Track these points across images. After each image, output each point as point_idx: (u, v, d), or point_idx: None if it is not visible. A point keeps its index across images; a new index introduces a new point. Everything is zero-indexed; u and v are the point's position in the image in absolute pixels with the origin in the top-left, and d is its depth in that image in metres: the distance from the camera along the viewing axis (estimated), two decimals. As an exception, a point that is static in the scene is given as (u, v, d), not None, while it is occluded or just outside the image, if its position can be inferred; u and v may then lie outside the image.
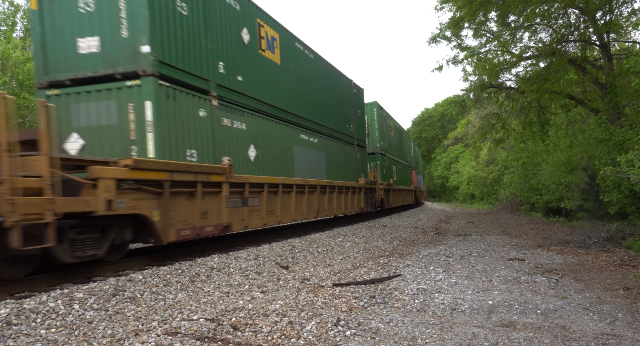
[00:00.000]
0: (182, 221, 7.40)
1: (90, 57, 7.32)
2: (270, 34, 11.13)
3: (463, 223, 18.62)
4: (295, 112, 12.33)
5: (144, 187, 6.66)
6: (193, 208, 7.68)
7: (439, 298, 5.55)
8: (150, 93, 7.03)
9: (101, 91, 7.28)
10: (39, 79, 7.57)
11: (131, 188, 6.45)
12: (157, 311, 4.87)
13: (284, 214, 11.14)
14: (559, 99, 19.81)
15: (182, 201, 7.46)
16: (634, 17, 15.73)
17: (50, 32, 7.48)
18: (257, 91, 10.31)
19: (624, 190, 10.65)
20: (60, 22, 7.43)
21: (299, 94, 12.65)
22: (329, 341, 3.97)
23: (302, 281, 6.60)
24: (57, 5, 7.44)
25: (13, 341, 3.80)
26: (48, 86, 7.52)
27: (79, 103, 7.36)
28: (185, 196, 7.55)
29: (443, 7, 19.13)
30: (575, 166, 15.78)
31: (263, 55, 10.68)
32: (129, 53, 7.11)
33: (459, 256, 8.97)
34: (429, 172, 67.14)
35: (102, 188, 5.89)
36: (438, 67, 22.04)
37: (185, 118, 7.79)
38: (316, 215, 13.10)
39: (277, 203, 10.75)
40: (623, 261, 7.82)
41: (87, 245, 5.95)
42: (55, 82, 7.49)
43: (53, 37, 7.47)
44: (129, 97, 7.14)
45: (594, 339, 4.00)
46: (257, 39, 10.47)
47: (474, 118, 38.65)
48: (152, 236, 6.97)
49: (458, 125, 56.55)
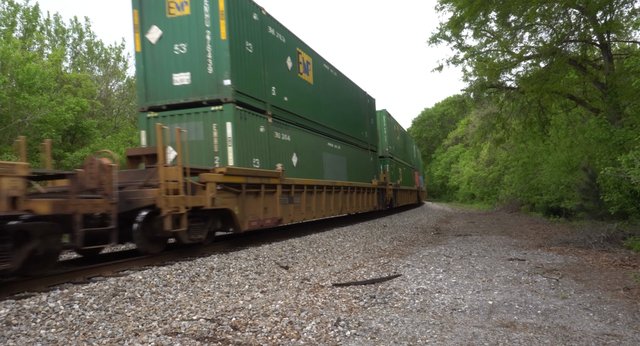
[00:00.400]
0: (252, 214, 9.47)
1: (182, 88, 9.38)
2: (306, 59, 13.25)
3: (463, 223, 18.61)
4: (324, 123, 14.30)
5: (230, 188, 8.68)
6: (258, 205, 9.76)
7: (439, 298, 5.54)
8: (230, 116, 9.06)
9: (191, 114, 9.32)
10: (141, 104, 9.66)
11: (221, 189, 8.39)
12: (157, 312, 4.87)
13: (317, 210, 13.06)
14: (559, 99, 19.79)
15: (251, 199, 9.52)
16: (634, 16, 15.70)
17: (150, 68, 9.58)
18: (298, 108, 12.32)
19: (625, 190, 10.64)
20: (159, 61, 9.51)
21: (326, 108, 14.65)
22: (329, 342, 3.96)
23: (302, 282, 6.59)
24: (156, 48, 9.52)
25: (13, 341, 3.79)
26: (148, 110, 9.62)
27: (173, 123, 9.19)
28: (253, 195, 9.60)
29: (443, 7, 19.11)
30: (575, 166, 15.77)
31: (301, 77, 12.77)
32: (214, 85, 9.16)
33: (459, 256, 8.96)
34: (429, 172, 67.12)
35: (209, 189, 7.96)
36: (438, 67, 22.02)
37: (251, 134, 9.77)
38: (340, 211, 15.08)
39: (313, 201, 12.76)
40: (623, 262, 7.81)
41: (197, 231, 7.94)
42: (154, 107, 9.60)
43: (153, 72, 9.57)
44: (213, 118, 9.15)
45: (594, 339, 3.99)
46: (297, 65, 12.56)
47: (474, 118, 38.64)
48: (233, 226, 8.92)
49: (458, 125, 56.52)
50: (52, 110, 16.48)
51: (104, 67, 24.97)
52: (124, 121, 25.09)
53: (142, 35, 9.60)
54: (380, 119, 23.09)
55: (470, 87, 22.73)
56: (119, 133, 22.69)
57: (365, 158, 18.87)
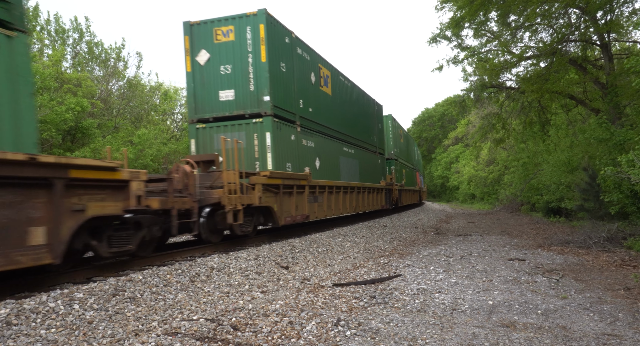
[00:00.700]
0: (286, 211, 11.04)
1: (227, 103, 10.94)
2: (326, 73, 14.90)
3: (463, 223, 18.61)
4: (340, 129, 15.87)
5: (270, 188, 10.17)
6: (291, 203, 11.32)
7: (439, 298, 5.54)
8: (269, 127, 10.60)
9: (234, 125, 10.84)
10: (191, 116, 11.20)
11: (264, 189, 9.91)
12: (157, 312, 4.87)
13: (336, 208, 14.62)
14: (560, 99, 19.77)
15: (286, 198, 11.07)
16: (634, 16, 15.69)
17: (199, 86, 11.12)
18: (320, 117, 13.97)
19: (625, 190, 10.63)
20: (207, 79, 11.05)
21: (342, 116, 16.28)
22: (329, 342, 3.96)
23: (302, 282, 6.59)
24: (205, 69, 11.08)
25: (13, 341, 3.79)
26: (197, 121, 11.14)
27: (219, 133, 10.83)
28: (287, 195, 11.13)
29: (443, 7, 19.10)
30: (575, 166, 15.75)
31: (322, 90, 14.39)
32: (255, 101, 10.72)
33: (459, 256, 8.96)
34: (429, 172, 67.11)
35: (257, 189, 9.52)
36: (438, 67, 22.00)
37: (285, 142, 11.32)
38: (354, 209, 16.61)
39: (332, 200, 14.37)
40: (624, 262, 7.81)
41: (247, 225, 9.48)
42: (202, 119, 11.12)
43: (201, 89, 11.11)
44: (254, 129, 10.69)
45: (595, 339, 3.99)
46: (319, 79, 14.20)
47: (474, 118, 38.63)
48: (272, 221, 10.45)
49: (458, 125, 56.48)
50: (52, 110, 16.50)
51: (104, 67, 25.00)
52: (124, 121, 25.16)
53: (192, 57, 11.11)
54: (386, 124, 24.63)
55: (470, 87, 22.72)
56: (119, 133, 22.73)
57: (374, 161, 20.43)
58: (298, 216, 11.59)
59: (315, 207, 12.76)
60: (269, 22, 10.79)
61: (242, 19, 10.82)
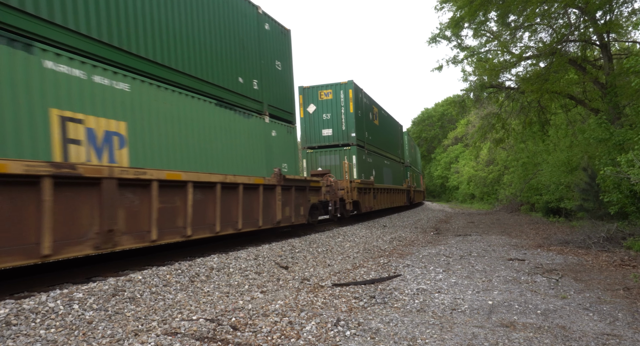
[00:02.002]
0: (363, 204, 17.50)
1: (327, 137, 17.43)
2: (375, 110, 21.41)
3: (463, 223, 18.61)
4: (383, 148, 22.41)
5: (358, 188, 16.74)
6: (365, 199, 17.91)
7: (438, 298, 5.54)
8: (355, 152, 17.17)
9: (331, 150, 17.33)
10: (304, 144, 17.47)
11: (355, 189, 16.40)
12: (156, 312, 4.87)
13: (383, 203, 21.26)
14: (559, 99, 19.78)
15: (364, 195, 17.79)
16: (634, 16, 15.70)
17: (308, 125, 17.62)
18: (374, 142, 20.38)
19: (624, 190, 10.63)
20: (314, 122, 17.57)
21: (384, 138, 23.02)
22: (329, 342, 3.96)
23: (302, 282, 6.59)
24: (313, 116, 17.55)
25: (12, 341, 3.79)
26: (307, 148, 17.56)
27: (321, 156, 17.45)
28: (366, 192, 17.91)
29: (443, 7, 19.12)
30: (575, 166, 15.76)
31: (374, 122, 20.92)
32: (345, 136, 17.21)
33: (459, 256, 8.96)
34: (429, 172, 67.09)
35: (355, 191, 16.34)
36: (438, 67, 22.01)
37: (361, 161, 17.77)
38: (391, 205, 23.61)
39: (380, 197, 20.71)
40: (623, 262, 7.81)
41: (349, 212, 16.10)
42: (310, 146, 17.58)
43: (310, 128, 17.60)
44: (344, 153, 17.12)
45: (594, 339, 3.99)
46: (373, 115, 20.79)
47: (474, 118, 38.63)
48: (358, 209, 17.00)
49: (458, 125, 56.48)
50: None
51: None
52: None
53: (305, 108, 17.52)
54: (404, 139, 31.41)
55: (470, 87, 22.73)
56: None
57: (399, 169, 27.61)
58: (368, 207, 18.14)
59: (374, 202, 19.38)
60: (355, 88, 17.32)
61: (337, 85, 17.29)
